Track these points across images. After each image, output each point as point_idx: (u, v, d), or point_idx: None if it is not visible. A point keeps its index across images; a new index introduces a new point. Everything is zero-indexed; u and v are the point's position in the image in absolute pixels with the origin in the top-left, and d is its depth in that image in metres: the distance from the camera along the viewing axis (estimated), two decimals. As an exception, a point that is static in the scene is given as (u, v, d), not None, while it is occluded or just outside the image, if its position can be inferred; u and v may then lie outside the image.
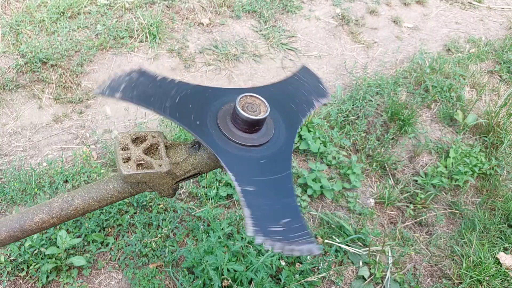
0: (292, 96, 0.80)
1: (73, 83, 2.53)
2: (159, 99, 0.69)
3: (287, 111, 0.76)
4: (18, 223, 0.71)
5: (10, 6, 2.88)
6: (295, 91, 0.82)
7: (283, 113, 0.74)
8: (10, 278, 1.68)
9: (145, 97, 0.68)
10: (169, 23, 3.05)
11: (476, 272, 1.89)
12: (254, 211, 0.58)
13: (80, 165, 2.10)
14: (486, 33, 3.64)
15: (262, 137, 0.68)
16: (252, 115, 0.64)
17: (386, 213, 2.15)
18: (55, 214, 0.71)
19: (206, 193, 2.03)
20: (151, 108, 0.69)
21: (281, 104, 0.76)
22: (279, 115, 0.73)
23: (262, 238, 0.57)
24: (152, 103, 0.68)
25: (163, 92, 0.70)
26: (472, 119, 2.62)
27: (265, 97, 0.68)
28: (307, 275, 1.75)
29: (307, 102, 0.82)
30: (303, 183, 2.14)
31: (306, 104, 0.82)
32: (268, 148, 0.68)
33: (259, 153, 0.67)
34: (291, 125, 0.74)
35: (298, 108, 0.78)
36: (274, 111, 0.70)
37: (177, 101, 0.69)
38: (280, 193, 0.64)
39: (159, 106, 0.68)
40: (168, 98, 0.69)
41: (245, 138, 0.66)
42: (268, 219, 0.59)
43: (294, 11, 3.40)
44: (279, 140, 0.70)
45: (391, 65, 3.09)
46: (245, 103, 0.66)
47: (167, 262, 1.77)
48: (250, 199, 0.59)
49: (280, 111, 0.74)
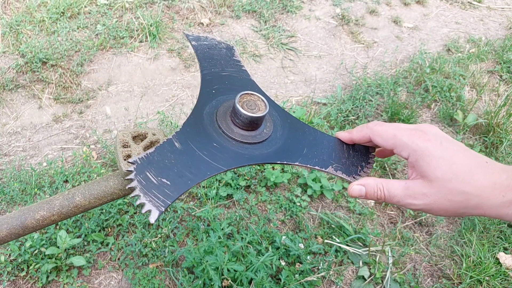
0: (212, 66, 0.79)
1: (73, 83, 2.53)
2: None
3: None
4: (19, 220, 0.71)
5: (10, 6, 2.88)
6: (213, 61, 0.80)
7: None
8: (10, 278, 1.68)
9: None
10: (169, 23, 3.05)
11: (476, 272, 1.89)
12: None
13: (80, 165, 2.10)
14: (486, 33, 3.64)
15: (261, 134, 0.68)
16: (252, 112, 0.64)
17: (386, 213, 2.15)
18: (56, 212, 0.71)
19: (206, 193, 2.03)
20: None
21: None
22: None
23: (355, 178, 0.63)
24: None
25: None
26: (472, 119, 2.62)
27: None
28: (307, 275, 1.75)
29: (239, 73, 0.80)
30: (303, 183, 2.14)
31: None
32: (268, 144, 0.68)
33: (262, 150, 0.67)
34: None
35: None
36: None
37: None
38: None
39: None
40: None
41: (245, 135, 0.66)
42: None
43: (294, 11, 3.40)
44: (279, 137, 0.70)
45: (391, 65, 3.09)
46: (244, 101, 0.66)
47: (167, 262, 1.77)
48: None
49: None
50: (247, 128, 0.65)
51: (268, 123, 0.68)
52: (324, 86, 2.85)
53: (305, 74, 2.93)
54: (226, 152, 0.63)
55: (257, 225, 1.94)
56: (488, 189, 0.50)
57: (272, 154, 0.65)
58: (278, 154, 0.65)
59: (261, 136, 0.66)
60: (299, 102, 2.69)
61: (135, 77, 2.68)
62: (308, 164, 0.65)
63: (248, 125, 0.64)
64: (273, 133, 0.68)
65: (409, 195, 0.54)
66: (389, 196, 0.56)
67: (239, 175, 2.13)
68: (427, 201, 0.52)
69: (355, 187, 0.60)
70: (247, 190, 2.11)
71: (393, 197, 0.55)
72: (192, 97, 2.61)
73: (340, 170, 0.65)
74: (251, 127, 0.65)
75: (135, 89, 2.61)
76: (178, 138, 0.62)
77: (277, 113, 0.72)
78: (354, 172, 0.65)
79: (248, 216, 2.00)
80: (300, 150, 0.67)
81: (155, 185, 0.56)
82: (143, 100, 2.55)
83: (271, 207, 2.04)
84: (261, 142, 0.66)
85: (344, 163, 0.66)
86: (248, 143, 0.65)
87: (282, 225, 2.01)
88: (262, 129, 0.67)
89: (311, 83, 2.86)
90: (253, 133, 0.66)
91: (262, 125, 0.67)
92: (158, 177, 0.57)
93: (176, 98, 2.60)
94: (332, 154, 0.67)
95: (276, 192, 2.12)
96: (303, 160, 0.65)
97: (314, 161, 0.66)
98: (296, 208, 2.04)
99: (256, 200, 2.06)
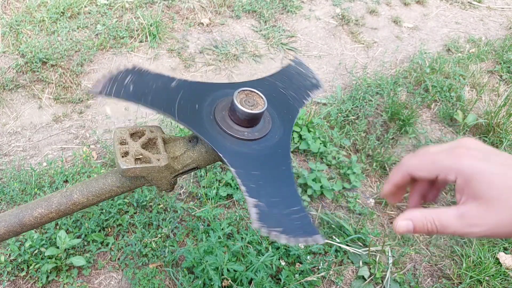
0: (286, 88, 0.80)
1: (73, 83, 2.53)
2: (155, 96, 0.69)
3: (282, 103, 0.76)
4: (17, 218, 0.71)
5: (10, 6, 2.88)
6: (289, 83, 0.82)
7: (279, 105, 0.75)
8: (10, 278, 1.68)
9: (141, 94, 0.68)
10: (169, 23, 3.05)
11: (476, 272, 1.89)
12: (258, 204, 0.58)
13: (80, 165, 2.10)
14: (486, 33, 3.64)
15: (260, 131, 0.68)
16: (250, 109, 0.64)
17: (386, 213, 2.15)
18: (54, 209, 0.71)
19: (206, 193, 2.03)
20: (147, 105, 0.69)
21: (276, 96, 0.76)
22: (275, 106, 0.74)
23: (266, 230, 0.57)
24: (148, 100, 0.68)
25: (160, 89, 0.70)
26: (472, 119, 2.62)
27: (260, 90, 0.69)
28: (307, 275, 1.75)
29: (302, 93, 0.82)
30: (303, 183, 2.14)
31: (301, 94, 0.82)
32: (267, 141, 0.68)
33: (259, 146, 0.67)
34: (288, 116, 0.74)
35: (294, 99, 0.78)
36: (271, 103, 0.70)
37: (175, 98, 0.69)
38: (282, 184, 0.64)
39: (155, 103, 0.68)
40: (165, 95, 0.69)
41: (243, 132, 0.66)
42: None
43: (294, 11, 3.40)
44: (277, 132, 0.70)
45: (391, 65, 3.09)
46: (242, 97, 0.66)
47: (167, 262, 1.77)
48: (253, 192, 0.59)
49: (275, 102, 0.74)
50: (245, 125, 0.65)
51: (267, 120, 0.69)
52: (324, 86, 2.85)
53: (305, 74, 2.93)
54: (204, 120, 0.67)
55: (257, 225, 1.94)
56: None
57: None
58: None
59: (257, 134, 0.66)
60: (299, 102, 2.69)
61: (135, 77, 2.67)
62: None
63: (244, 121, 0.65)
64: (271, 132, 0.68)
65: (467, 223, 0.48)
66: (442, 228, 0.50)
67: (239, 175, 2.13)
68: (490, 226, 0.46)
69: (401, 222, 0.53)
70: (247, 190, 2.10)
71: (447, 228, 0.49)
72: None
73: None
74: (249, 123, 0.65)
75: (135, 89, 2.61)
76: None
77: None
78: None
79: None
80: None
81: (120, 83, 0.67)
82: (143, 100, 2.55)
83: (271, 207, 2.04)
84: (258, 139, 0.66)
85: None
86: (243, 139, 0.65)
87: (282, 225, 2.01)
88: (260, 127, 0.67)
89: (311, 83, 2.86)
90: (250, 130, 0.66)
91: (260, 122, 0.67)
92: (129, 83, 0.67)
93: (176, 98, 2.60)
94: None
95: (276, 192, 2.12)
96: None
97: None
98: (296, 208, 2.04)
99: (256, 200, 2.05)
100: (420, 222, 0.51)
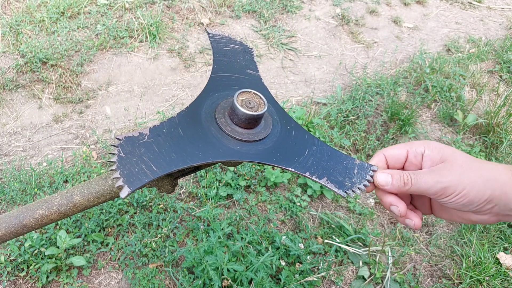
0: (237, 71, 0.78)
1: (73, 83, 2.53)
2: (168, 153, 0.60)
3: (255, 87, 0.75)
4: (18, 219, 0.71)
5: (10, 6, 2.88)
6: (234, 65, 0.79)
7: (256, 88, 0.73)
8: (10, 278, 1.68)
9: (160, 164, 0.59)
10: (169, 23, 3.05)
11: (476, 272, 1.89)
12: (328, 177, 0.63)
13: (80, 165, 2.10)
14: (486, 33, 3.64)
15: (262, 132, 0.68)
16: (251, 111, 0.64)
17: (386, 213, 2.15)
18: (55, 210, 0.71)
19: (206, 193, 2.03)
20: (176, 168, 0.59)
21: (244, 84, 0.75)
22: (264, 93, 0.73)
23: (347, 192, 0.62)
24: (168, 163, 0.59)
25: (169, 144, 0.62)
26: (472, 119, 2.62)
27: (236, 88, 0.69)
28: (307, 275, 1.75)
29: (248, 66, 0.80)
30: (303, 183, 2.14)
31: (248, 67, 0.80)
32: (269, 140, 0.68)
33: (262, 146, 0.67)
34: (266, 94, 0.73)
35: (251, 77, 0.77)
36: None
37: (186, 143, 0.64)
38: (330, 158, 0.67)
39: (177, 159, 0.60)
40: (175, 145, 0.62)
41: (245, 133, 0.66)
42: (339, 175, 0.64)
43: (294, 11, 3.40)
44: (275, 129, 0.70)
45: (391, 65, 3.09)
46: (243, 99, 0.66)
47: (167, 262, 1.77)
48: (322, 176, 0.63)
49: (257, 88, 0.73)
50: (246, 126, 0.65)
51: (267, 123, 0.69)
52: (324, 86, 2.85)
53: (305, 74, 2.93)
54: (217, 144, 0.63)
55: (257, 225, 1.94)
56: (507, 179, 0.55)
57: (264, 154, 0.65)
58: (270, 154, 0.65)
59: (257, 135, 0.66)
60: (299, 102, 2.69)
61: (135, 77, 2.68)
62: (301, 171, 0.65)
63: (245, 123, 0.64)
64: (270, 134, 0.68)
65: (435, 176, 0.57)
66: (415, 179, 0.58)
67: (239, 175, 2.13)
68: (450, 182, 0.55)
69: (380, 175, 0.61)
70: (247, 190, 2.11)
71: (420, 178, 0.58)
72: (192, 97, 2.61)
73: (333, 182, 0.65)
74: (249, 125, 0.65)
75: (135, 89, 2.61)
76: (170, 124, 0.62)
77: (279, 117, 0.71)
78: (348, 188, 0.64)
79: (248, 216, 2.00)
80: (296, 155, 0.67)
81: (135, 162, 0.56)
82: (143, 100, 2.55)
83: (271, 207, 2.04)
84: (258, 141, 0.66)
85: (340, 180, 0.66)
86: (243, 141, 0.65)
87: (282, 225, 2.01)
88: (260, 128, 0.67)
89: (311, 83, 2.86)
90: (251, 131, 0.66)
91: (261, 123, 0.67)
92: (141, 156, 0.57)
93: (176, 98, 2.60)
94: (331, 168, 0.67)
95: (276, 192, 2.12)
96: (298, 167, 0.65)
97: (309, 169, 0.65)
98: (296, 208, 2.04)
99: (256, 200, 2.06)
100: (398, 175, 0.60)
